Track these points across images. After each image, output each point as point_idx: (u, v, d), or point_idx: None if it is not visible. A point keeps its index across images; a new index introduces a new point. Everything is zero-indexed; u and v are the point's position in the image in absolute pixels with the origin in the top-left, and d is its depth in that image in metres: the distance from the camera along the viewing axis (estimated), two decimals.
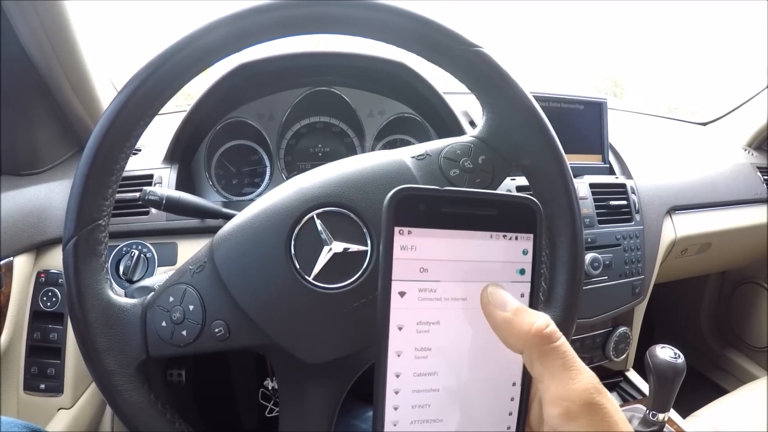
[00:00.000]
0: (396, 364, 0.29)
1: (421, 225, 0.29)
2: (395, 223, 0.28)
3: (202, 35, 0.45)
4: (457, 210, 0.29)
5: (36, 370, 0.76)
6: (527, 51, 2.76)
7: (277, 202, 0.47)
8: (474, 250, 0.30)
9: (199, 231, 0.80)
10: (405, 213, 0.29)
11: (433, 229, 0.29)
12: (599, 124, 1.06)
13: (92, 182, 0.44)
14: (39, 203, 0.80)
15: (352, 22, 0.47)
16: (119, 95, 0.44)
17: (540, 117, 0.50)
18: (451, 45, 0.48)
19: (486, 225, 0.30)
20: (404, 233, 0.29)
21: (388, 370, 0.29)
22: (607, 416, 0.26)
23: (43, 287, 0.77)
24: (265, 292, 0.45)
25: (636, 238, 1.01)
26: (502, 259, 0.30)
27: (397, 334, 0.29)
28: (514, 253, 0.30)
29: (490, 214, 0.30)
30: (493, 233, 0.30)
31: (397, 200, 0.28)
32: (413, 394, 0.30)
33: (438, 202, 0.29)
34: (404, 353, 0.29)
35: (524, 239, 0.31)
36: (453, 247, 0.29)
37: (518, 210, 0.31)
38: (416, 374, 0.30)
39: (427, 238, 0.29)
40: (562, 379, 0.27)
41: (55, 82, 0.79)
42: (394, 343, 0.29)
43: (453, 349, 0.30)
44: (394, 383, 0.29)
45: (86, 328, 0.44)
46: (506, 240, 0.30)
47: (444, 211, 0.29)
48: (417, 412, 0.30)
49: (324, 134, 0.99)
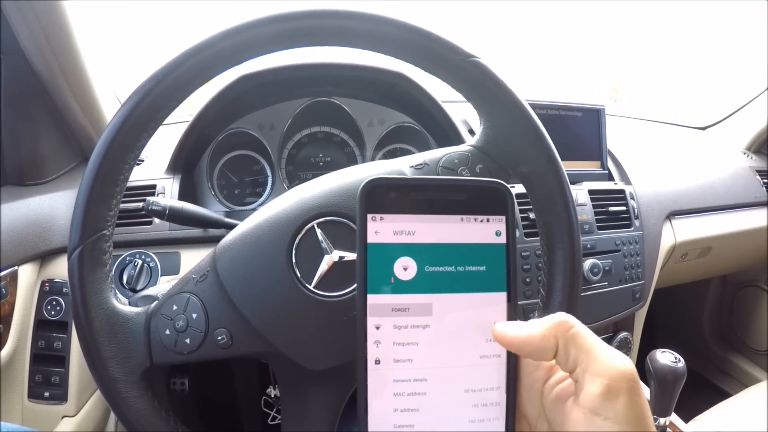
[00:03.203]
0: (375, 334, 0.30)
1: (392, 211, 0.30)
2: (367, 210, 0.30)
3: (205, 48, 0.46)
4: (427, 196, 0.31)
5: (40, 378, 0.77)
6: (526, 56, 2.77)
7: (278, 211, 0.47)
8: (445, 232, 0.31)
9: (201, 240, 0.81)
10: (376, 201, 0.30)
11: (403, 215, 0.30)
12: (597, 130, 1.06)
13: (97, 193, 0.44)
14: (43, 213, 0.81)
15: (351, 35, 0.48)
16: (123, 107, 0.45)
17: (536, 125, 0.51)
18: (449, 56, 0.49)
19: (456, 209, 0.31)
20: (376, 219, 0.30)
21: (368, 336, 0.30)
22: (643, 398, 0.26)
23: (48, 296, 0.78)
24: (267, 300, 0.46)
25: (635, 244, 1.02)
26: (474, 241, 0.31)
27: (373, 326, 0.30)
28: (487, 234, 0.31)
29: (460, 199, 0.31)
30: (464, 216, 0.31)
31: (368, 189, 0.30)
32: (394, 364, 0.30)
33: (407, 189, 0.31)
34: (382, 326, 0.30)
35: (496, 221, 0.31)
36: (425, 231, 0.31)
37: (487, 194, 0.31)
38: (396, 360, 0.30)
39: (399, 223, 0.30)
40: (600, 356, 0.27)
41: (58, 92, 0.80)
42: (372, 329, 0.30)
43: (432, 329, 0.31)
44: (373, 352, 0.30)
45: (91, 337, 0.44)
46: (477, 222, 0.31)
47: (414, 198, 0.30)
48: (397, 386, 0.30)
49: (325, 144, 1.00)
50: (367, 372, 0.30)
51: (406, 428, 0.30)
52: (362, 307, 0.30)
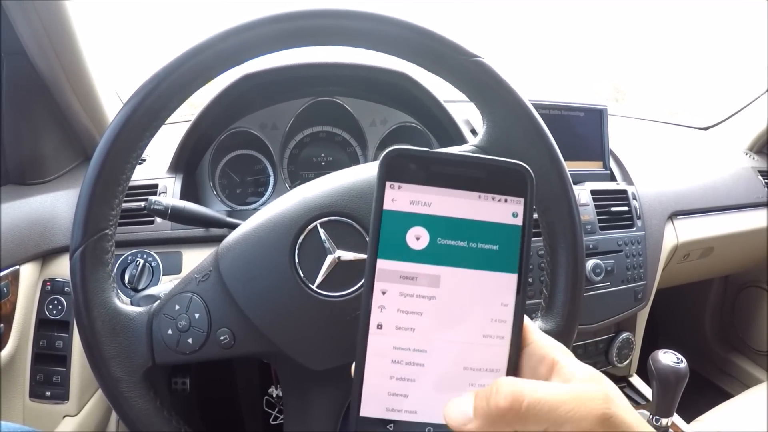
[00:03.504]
0: (379, 299, 0.30)
1: (411, 181, 0.30)
2: (387, 177, 0.30)
3: (207, 47, 0.46)
4: (447, 170, 0.30)
5: (42, 378, 0.77)
6: (528, 56, 2.77)
7: (281, 211, 0.47)
8: (461, 207, 0.30)
9: (203, 240, 0.80)
10: (397, 170, 0.30)
11: (422, 186, 0.30)
12: (600, 130, 1.06)
13: (99, 192, 0.44)
14: (45, 212, 0.81)
15: (353, 34, 0.48)
16: (125, 106, 0.45)
17: (539, 125, 0.51)
18: (451, 55, 0.49)
19: (475, 186, 0.31)
20: (394, 187, 0.30)
21: (372, 304, 0.30)
22: (623, 424, 0.25)
23: (49, 295, 0.78)
24: (269, 300, 0.46)
25: (638, 244, 1.02)
26: (489, 219, 0.31)
27: (379, 291, 0.30)
28: (504, 215, 0.31)
29: (480, 177, 0.31)
30: (482, 194, 0.31)
31: (390, 157, 0.30)
32: (396, 331, 0.30)
33: (428, 162, 0.30)
34: (388, 291, 0.30)
35: (514, 202, 0.31)
36: (441, 204, 0.30)
37: (508, 174, 0.31)
38: (398, 327, 0.30)
39: (416, 193, 0.30)
40: (564, 419, 0.24)
41: (60, 92, 0.80)
42: (378, 293, 0.30)
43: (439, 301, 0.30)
44: (376, 316, 0.30)
45: (93, 336, 0.44)
46: (495, 201, 0.31)
47: (434, 171, 0.30)
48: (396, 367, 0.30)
49: (327, 143, 0.99)
50: (368, 335, 0.30)
51: (400, 397, 0.30)
52: (371, 270, 0.30)
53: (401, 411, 0.30)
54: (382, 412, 0.30)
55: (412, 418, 0.30)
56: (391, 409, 0.30)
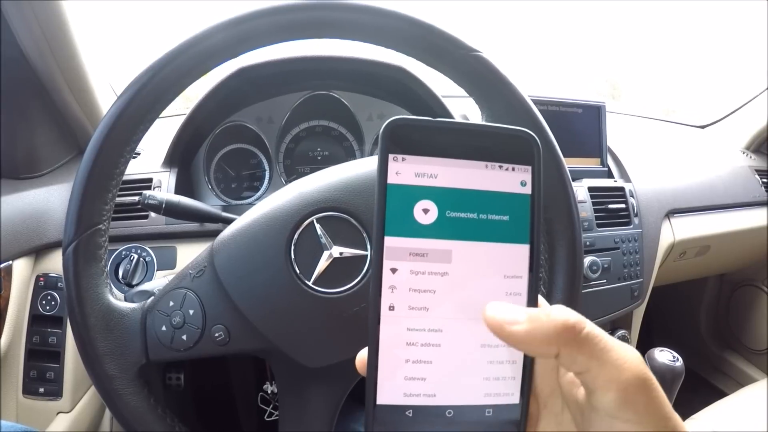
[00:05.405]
0: (390, 279, 0.29)
1: (414, 153, 0.29)
2: (389, 150, 0.29)
3: (202, 39, 0.45)
4: (452, 140, 0.29)
5: (35, 374, 0.76)
6: (526, 53, 2.77)
7: (277, 206, 0.47)
8: (468, 178, 0.29)
9: (198, 235, 0.80)
10: (399, 141, 0.29)
11: (426, 157, 0.29)
12: (598, 127, 1.06)
13: (92, 186, 0.44)
14: (38, 207, 0.80)
15: (351, 27, 0.48)
16: (119, 99, 0.44)
17: (538, 120, 0.51)
18: (450, 49, 0.49)
19: (481, 155, 0.29)
20: (398, 160, 0.29)
21: (383, 285, 0.28)
22: (660, 393, 0.25)
23: (43, 291, 0.77)
24: (265, 296, 0.45)
25: (634, 242, 1.02)
26: (498, 189, 0.30)
27: (389, 270, 0.28)
28: (512, 184, 0.30)
29: (485, 145, 0.30)
30: (489, 163, 0.30)
31: (391, 128, 0.29)
32: (409, 311, 0.29)
33: (431, 131, 0.29)
34: (399, 270, 0.29)
35: (522, 171, 0.30)
36: (447, 175, 0.29)
37: (513, 142, 0.30)
38: (411, 307, 0.29)
39: (421, 165, 0.29)
40: (609, 362, 0.24)
41: (54, 85, 0.79)
42: (387, 274, 0.29)
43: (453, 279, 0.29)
44: (388, 297, 0.28)
45: (86, 333, 0.44)
46: (502, 170, 0.30)
47: (438, 141, 0.29)
48: None
49: (323, 138, 0.99)
50: (380, 318, 0.28)
51: (417, 380, 0.29)
52: (379, 249, 0.28)
53: (419, 395, 0.28)
54: (400, 398, 0.28)
55: (431, 402, 0.29)
56: (408, 394, 0.28)
